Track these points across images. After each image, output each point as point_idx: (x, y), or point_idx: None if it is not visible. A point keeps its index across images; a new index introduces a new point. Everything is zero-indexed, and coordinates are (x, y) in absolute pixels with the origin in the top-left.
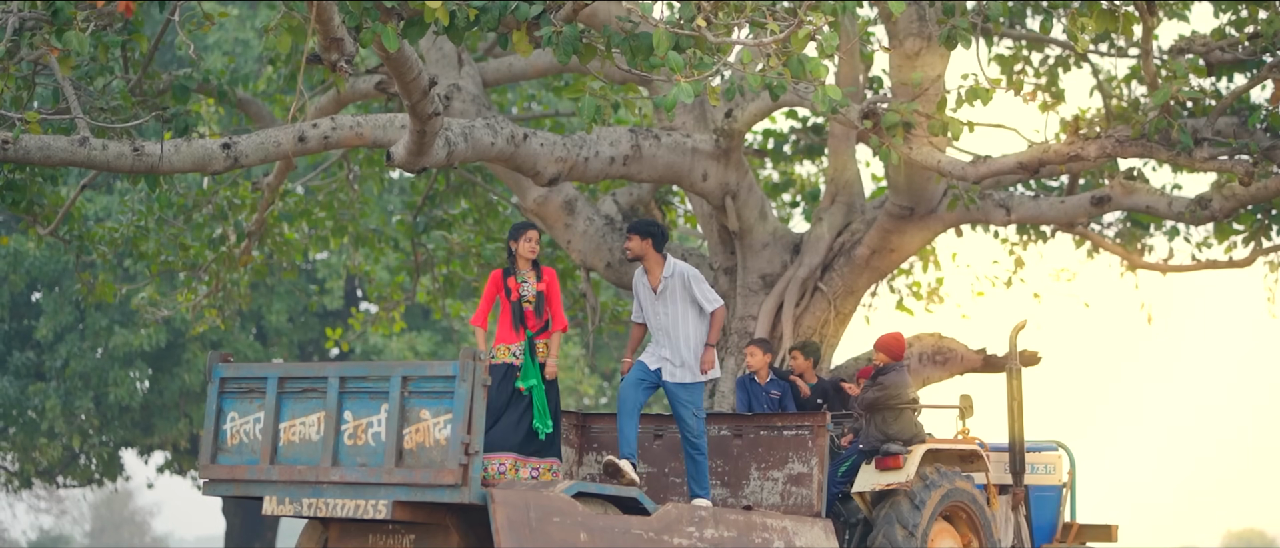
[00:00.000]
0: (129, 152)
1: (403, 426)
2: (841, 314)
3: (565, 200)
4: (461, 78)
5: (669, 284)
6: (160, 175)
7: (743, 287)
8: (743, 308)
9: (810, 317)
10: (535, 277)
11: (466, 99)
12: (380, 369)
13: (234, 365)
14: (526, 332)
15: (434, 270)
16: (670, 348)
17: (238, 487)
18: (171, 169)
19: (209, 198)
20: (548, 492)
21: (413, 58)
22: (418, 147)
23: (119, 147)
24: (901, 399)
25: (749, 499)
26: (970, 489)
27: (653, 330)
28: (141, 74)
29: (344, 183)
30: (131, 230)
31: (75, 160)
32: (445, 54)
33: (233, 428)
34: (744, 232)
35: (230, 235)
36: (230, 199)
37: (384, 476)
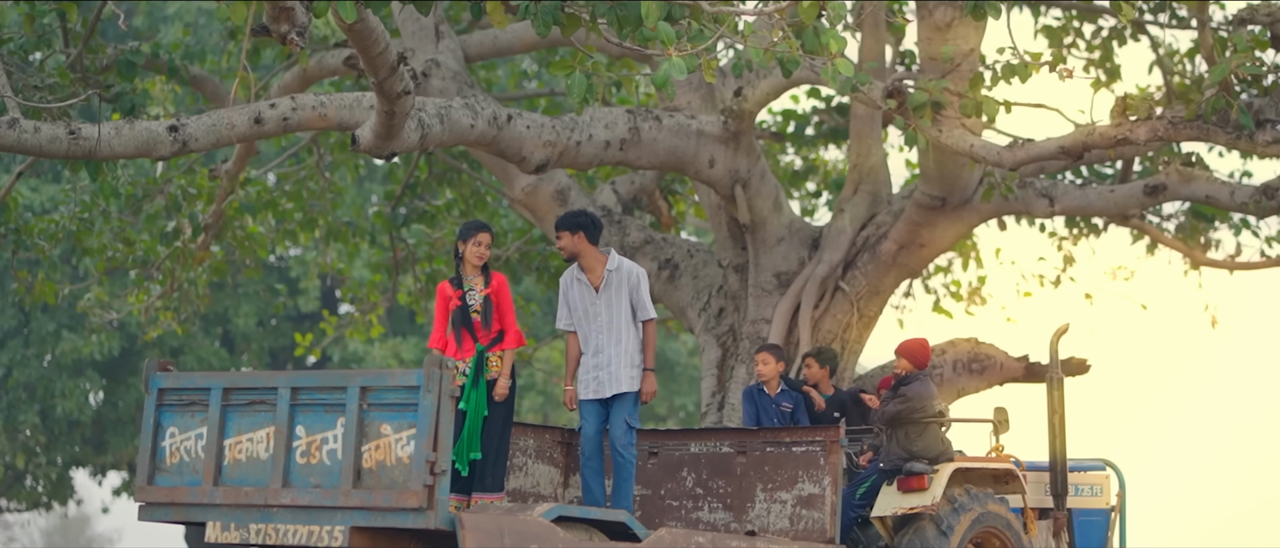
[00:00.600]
0: (64, 135)
1: (361, 442)
2: (866, 317)
3: (557, 190)
4: (440, 52)
5: (612, 280)
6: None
7: (755, 286)
8: (755, 310)
9: (830, 320)
10: (483, 282)
11: (446, 76)
12: (336, 379)
13: (174, 375)
14: (476, 345)
15: (415, 268)
16: (609, 354)
17: (178, 511)
18: (112, 154)
19: (161, 187)
20: (524, 516)
21: (378, 30)
22: (386, 129)
23: (53, 129)
24: (926, 412)
25: (754, 524)
26: (1004, 513)
27: (586, 336)
28: (82, 48)
29: (314, 170)
30: (74, 223)
31: (3, 144)
32: (423, 26)
33: (172, 445)
34: (756, 225)
35: (185, 229)
36: (185, 188)
37: (340, 498)
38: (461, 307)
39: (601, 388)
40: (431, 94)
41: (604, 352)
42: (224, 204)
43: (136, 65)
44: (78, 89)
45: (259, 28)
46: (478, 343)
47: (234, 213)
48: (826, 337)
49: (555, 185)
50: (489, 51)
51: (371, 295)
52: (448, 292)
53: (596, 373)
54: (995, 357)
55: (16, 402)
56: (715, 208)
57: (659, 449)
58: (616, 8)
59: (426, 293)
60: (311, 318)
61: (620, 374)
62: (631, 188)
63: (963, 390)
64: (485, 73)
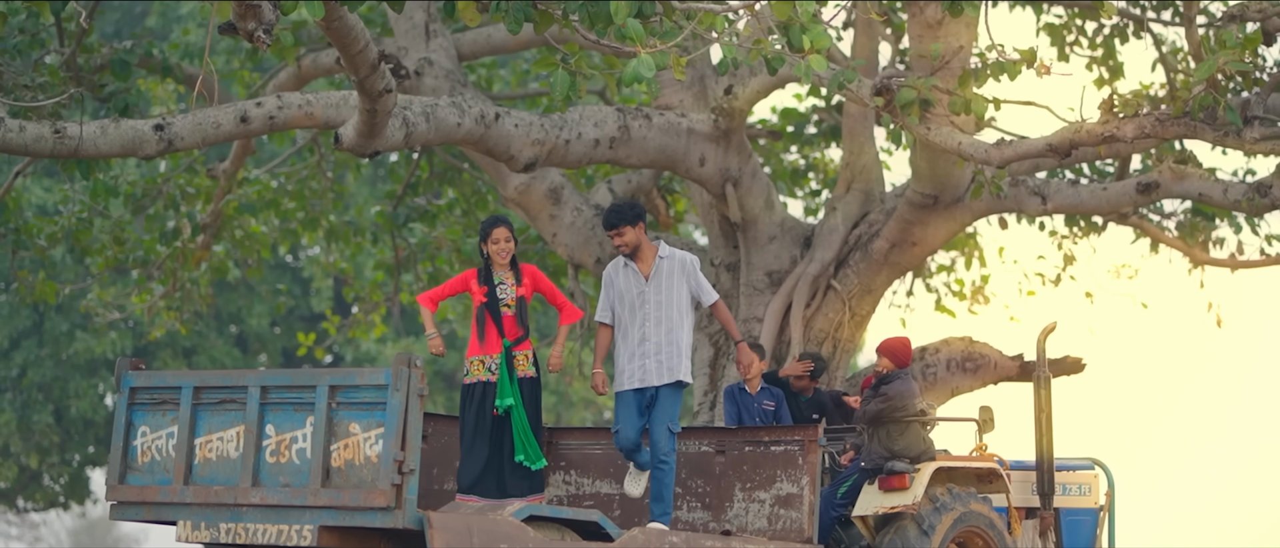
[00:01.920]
0: (49, 134)
1: (330, 441)
2: (858, 316)
3: (550, 188)
4: (433, 51)
5: (662, 268)
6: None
7: (747, 284)
8: (747, 309)
9: (822, 318)
10: (514, 278)
11: (439, 74)
12: (305, 378)
13: (145, 374)
14: (503, 340)
15: (417, 268)
16: (658, 342)
17: (148, 510)
18: (97, 153)
19: (160, 186)
20: (494, 515)
21: (357, 28)
22: (368, 127)
23: (38, 128)
24: (907, 411)
25: (732, 523)
26: (987, 512)
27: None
28: (75, 47)
29: (315, 169)
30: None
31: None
32: (415, 25)
33: (144, 444)
34: (747, 223)
35: (185, 228)
36: (183, 188)
37: (309, 497)
38: (490, 301)
39: (647, 376)
40: (424, 92)
41: (651, 340)
42: (221, 203)
43: (130, 65)
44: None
45: (226, 26)
46: (505, 339)
47: (234, 213)
48: (818, 336)
49: (548, 184)
50: (483, 50)
51: (374, 295)
52: (473, 285)
53: (642, 362)
54: (989, 356)
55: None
56: (707, 206)
57: None
58: (588, 5)
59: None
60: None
61: (674, 363)
62: (628, 187)
63: (957, 390)
64: (486, 71)
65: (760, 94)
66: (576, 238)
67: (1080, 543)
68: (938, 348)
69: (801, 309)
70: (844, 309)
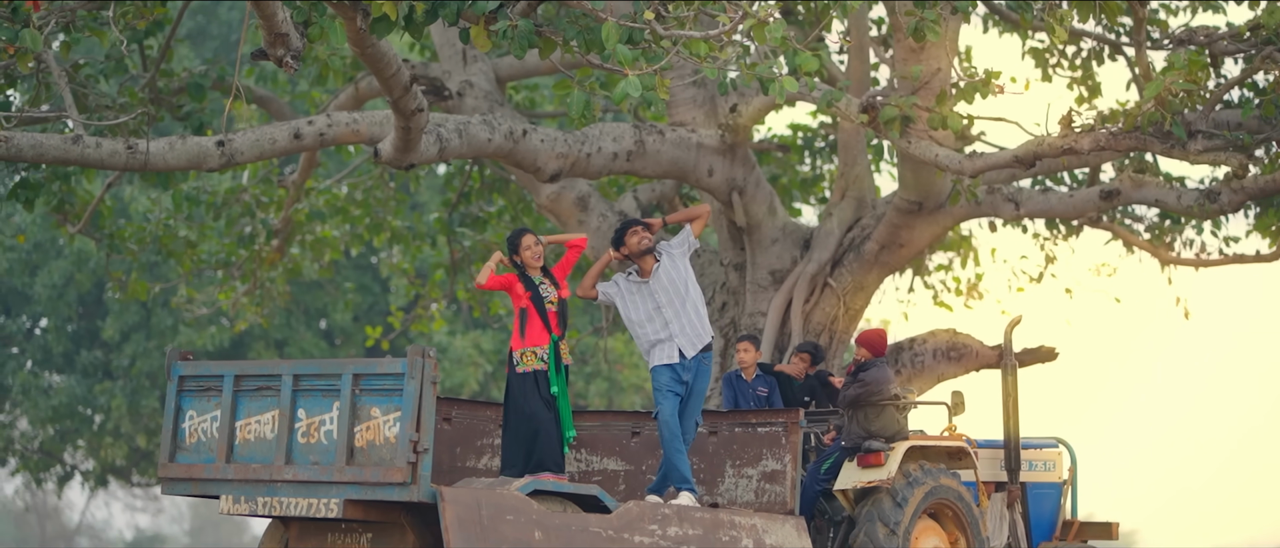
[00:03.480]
0: (122, 149)
1: (354, 423)
2: (851, 310)
3: (578, 197)
4: (474, 74)
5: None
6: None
7: (752, 283)
8: (752, 304)
9: (820, 312)
10: (551, 281)
11: (479, 95)
12: (332, 367)
13: (192, 363)
14: (551, 335)
15: (470, 269)
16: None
17: (195, 486)
18: (165, 166)
19: (238, 196)
20: (501, 490)
21: (388, 54)
22: (404, 143)
23: (113, 144)
24: (883, 395)
25: (723, 497)
26: (956, 486)
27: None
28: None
29: (379, 180)
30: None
31: (68, 158)
32: (456, 50)
33: (191, 427)
34: (752, 227)
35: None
36: (258, 197)
37: (335, 474)
38: (536, 300)
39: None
40: (466, 111)
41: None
42: (290, 210)
43: (205, 88)
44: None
45: (257, 52)
46: (552, 333)
47: (305, 219)
48: (816, 328)
49: (576, 193)
50: (519, 73)
51: (433, 293)
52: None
53: (670, 343)
54: (971, 345)
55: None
56: (716, 213)
57: (640, 430)
58: (583, 32)
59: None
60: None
61: (700, 329)
62: (652, 195)
63: (942, 376)
64: (529, 92)
65: (762, 112)
66: (603, 241)
67: (1045, 513)
68: (925, 339)
69: (801, 304)
70: (839, 304)
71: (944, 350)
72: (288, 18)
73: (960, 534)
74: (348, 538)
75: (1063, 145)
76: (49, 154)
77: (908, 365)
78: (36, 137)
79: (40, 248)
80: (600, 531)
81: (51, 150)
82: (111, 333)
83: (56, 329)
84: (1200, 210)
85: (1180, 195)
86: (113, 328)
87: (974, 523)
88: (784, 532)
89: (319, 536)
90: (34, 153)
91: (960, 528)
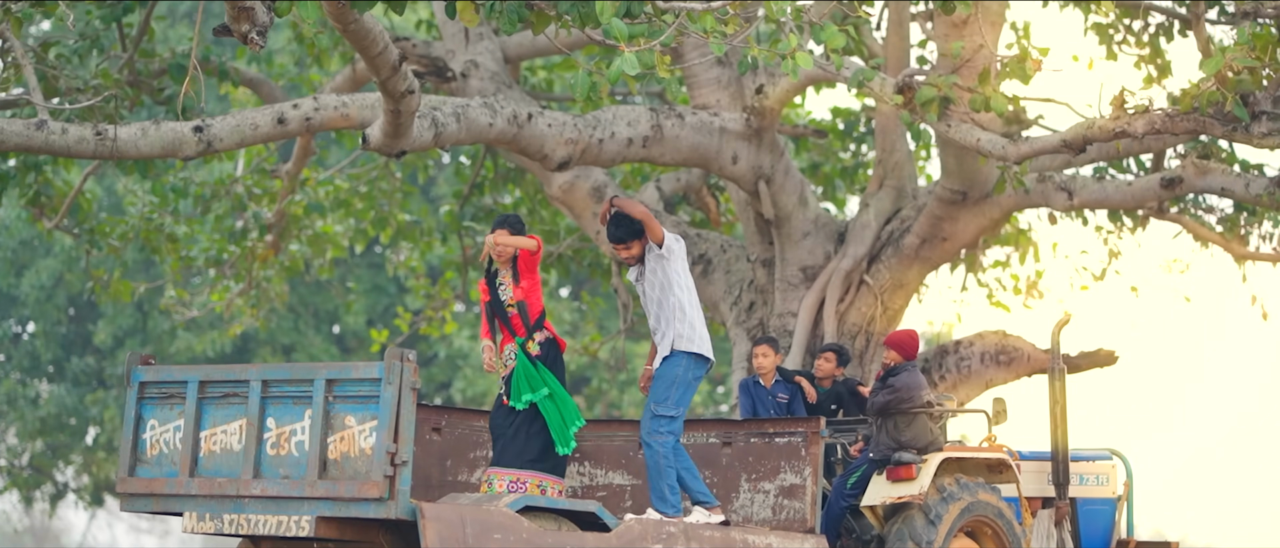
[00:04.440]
0: (91, 136)
1: (327, 433)
2: (890, 310)
3: (593, 187)
4: (480, 53)
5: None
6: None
7: (781, 280)
8: (781, 303)
9: (855, 313)
10: (513, 278)
11: (484, 76)
12: (303, 371)
13: (154, 368)
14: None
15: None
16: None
17: (156, 502)
18: (138, 154)
19: (228, 187)
20: (489, 506)
21: (375, 31)
22: (394, 128)
23: (80, 130)
24: (914, 403)
25: (738, 514)
26: (996, 502)
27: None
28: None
29: (384, 170)
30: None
31: (30, 146)
32: (459, 28)
33: (152, 437)
34: (781, 219)
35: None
36: (250, 189)
37: (307, 489)
38: (493, 300)
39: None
40: (470, 94)
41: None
42: (284, 203)
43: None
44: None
45: (220, 28)
46: (516, 336)
47: (303, 213)
48: (851, 330)
49: (592, 183)
50: (528, 52)
51: (443, 293)
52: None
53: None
54: (1022, 348)
55: None
56: (743, 204)
57: None
58: (577, 5)
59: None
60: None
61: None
62: (677, 185)
63: (991, 382)
64: (546, 73)
65: (791, 94)
66: None
67: (1098, 532)
68: (971, 341)
69: (835, 304)
70: (876, 303)
71: (993, 354)
72: None
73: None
74: None
75: (1115, 128)
76: (9, 141)
77: (953, 370)
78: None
79: (27, 246)
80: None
81: (12, 137)
82: (104, 338)
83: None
84: (1270, 199)
85: (1249, 183)
86: (106, 333)
87: (1015, 542)
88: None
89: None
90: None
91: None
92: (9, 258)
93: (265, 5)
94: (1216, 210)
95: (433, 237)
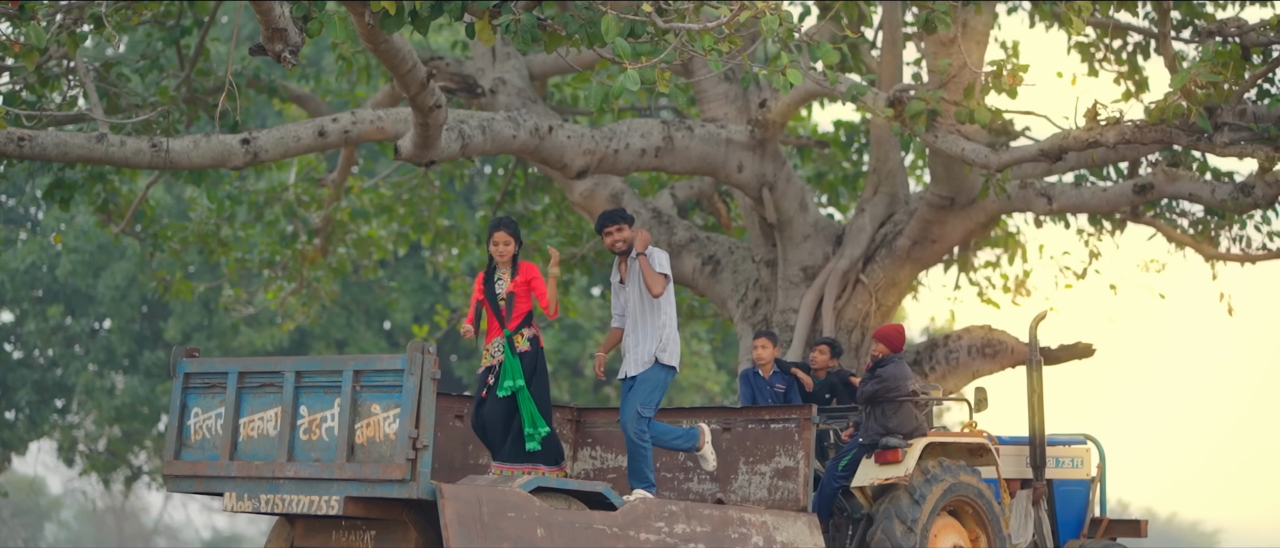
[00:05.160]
0: (146, 148)
1: (354, 420)
2: (884, 307)
3: (612, 194)
4: (507, 71)
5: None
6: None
7: (783, 279)
8: (784, 301)
9: (851, 309)
10: (510, 274)
11: (511, 92)
12: (333, 363)
13: (198, 361)
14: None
15: None
16: (633, 338)
17: (200, 483)
18: (190, 164)
19: (279, 194)
20: (503, 487)
21: (404, 50)
22: (423, 139)
23: (137, 143)
24: (900, 391)
25: (737, 494)
26: (976, 483)
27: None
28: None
29: (423, 178)
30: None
31: (92, 157)
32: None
33: (196, 424)
34: (783, 223)
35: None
36: (299, 196)
37: (336, 471)
38: (488, 294)
39: (626, 369)
40: (499, 108)
41: (628, 337)
42: (330, 209)
43: (239, 86)
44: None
45: (256, 48)
46: (505, 328)
47: (349, 218)
48: (848, 325)
49: (609, 189)
50: (552, 69)
51: None
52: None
53: (624, 356)
54: (1006, 342)
55: None
56: (748, 209)
57: None
58: (585, 27)
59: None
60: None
61: (641, 354)
62: (691, 191)
63: (977, 373)
64: (571, 88)
65: (793, 107)
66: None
67: (1073, 511)
68: (959, 335)
69: (833, 301)
70: (871, 301)
71: (979, 347)
72: (285, 12)
73: (981, 532)
74: (351, 536)
75: (1088, 138)
76: (73, 153)
77: (942, 362)
78: (61, 135)
79: (104, 249)
80: (605, 528)
81: (75, 149)
82: (174, 333)
83: (119, 330)
84: (1234, 204)
85: (1214, 189)
86: (175, 329)
87: (995, 521)
88: (795, 529)
89: (323, 533)
90: (58, 152)
91: (981, 526)
92: (87, 261)
93: (297, 26)
94: (1189, 215)
95: (469, 240)
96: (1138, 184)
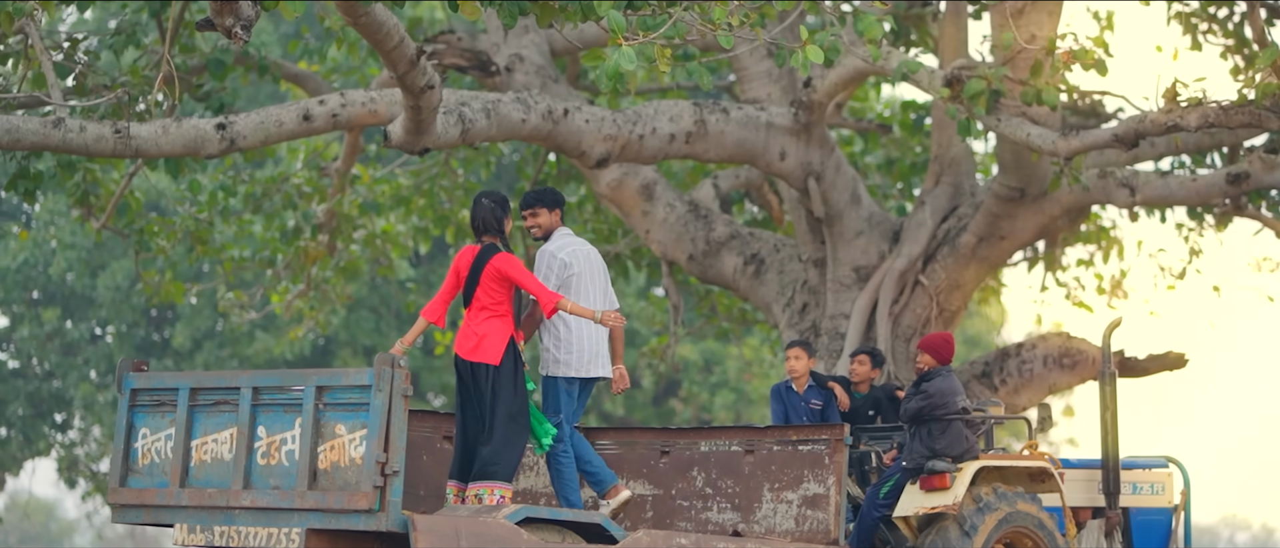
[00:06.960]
0: (109, 134)
1: (317, 442)
2: (946, 312)
3: (643, 184)
4: (525, 46)
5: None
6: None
7: (833, 280)
8: (833, 305)
9: (910, 315)
10: None
11: (530, 70)
12: (294, 378)
13: (146, 375)
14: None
15: None
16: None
17: (147, 513)
18: (159, 153)
19: (278, 185)
20: (486, 518)
21: (389, 24)
22: (415, 124)
23: (98, 128)
24: (949, 409)
25: (760, 526)
26: (1036, 512)
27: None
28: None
29: (444, 167)
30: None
31: (47, 144)
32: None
33: (144, 446)
34: (832, 218)
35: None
36: (300, 187)
37: (297, 500)
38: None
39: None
40: (515, 88)
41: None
42: (333, 201)
43: (226, 64)
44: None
45: (204, 22)
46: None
47: (358, 211)
48: (906, 332)
49: (641, 180)
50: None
51: None
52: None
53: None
54: (1087, 351)
55: None
56: (794, 201)
57: (670, 448)
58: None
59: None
60: None
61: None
62: (736, 182)
63: (1054, 386)
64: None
65: (841, 86)
66: (669, 234)
67: (1153, 543)
68: (1033, 344)
69: (888, 305)
70: (932, 305)
71: (1056, 357)
72: None
73: None
74: None
75: (1167, 122)
76: (26, 140)
77: (1015, 374)
78: (12, 120)
79: (104, 247)
80: None
81: (28, 136)
82: (182, 341)
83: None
84: None
85: None
86: (183, 335)
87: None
88: None
89: None
90: (9, 138)
91: None
92: (86, 259)
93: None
94: None
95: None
96: (1232, 173)
